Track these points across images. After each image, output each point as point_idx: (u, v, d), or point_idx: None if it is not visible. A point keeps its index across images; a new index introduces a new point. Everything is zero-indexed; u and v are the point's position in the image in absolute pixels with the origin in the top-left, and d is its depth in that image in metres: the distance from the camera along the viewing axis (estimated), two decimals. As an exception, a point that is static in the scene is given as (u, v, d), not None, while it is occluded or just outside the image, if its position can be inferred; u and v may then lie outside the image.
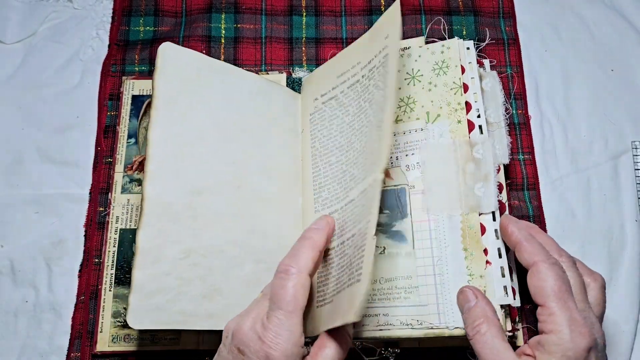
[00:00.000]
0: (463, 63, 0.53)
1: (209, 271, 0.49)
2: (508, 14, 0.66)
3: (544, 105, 0.64)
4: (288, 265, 0.42)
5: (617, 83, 0.65)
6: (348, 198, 0.48)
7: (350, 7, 0.67)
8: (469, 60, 0.53)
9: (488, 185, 0.49)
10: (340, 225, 0.47)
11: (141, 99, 0.62)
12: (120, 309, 0.55)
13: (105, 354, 0.54)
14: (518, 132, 0.62)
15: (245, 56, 0.64)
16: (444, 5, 0.66)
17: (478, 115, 0.51)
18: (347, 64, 0.54)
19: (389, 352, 0.52)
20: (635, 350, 0.56)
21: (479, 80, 0.53)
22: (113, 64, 0.64)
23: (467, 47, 0.54)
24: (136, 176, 0.59)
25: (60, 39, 0.66)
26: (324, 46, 0.65)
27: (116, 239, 0.57)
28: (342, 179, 0.50)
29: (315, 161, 0.54)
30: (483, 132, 0.50)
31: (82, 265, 0.57)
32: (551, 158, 0.62)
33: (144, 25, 0.66)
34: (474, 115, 0.51)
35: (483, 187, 0.49)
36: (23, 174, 0.61)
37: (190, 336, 0.54)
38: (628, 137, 0.63)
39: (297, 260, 0.42)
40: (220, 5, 0.66)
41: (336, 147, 0.52)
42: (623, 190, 0.61)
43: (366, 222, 0.42)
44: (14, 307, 0.56)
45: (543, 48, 0.66)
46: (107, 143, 0.61)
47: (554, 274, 0.43)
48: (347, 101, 0.52)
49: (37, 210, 0.59)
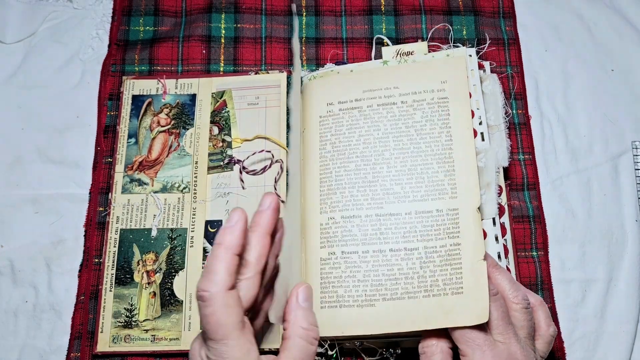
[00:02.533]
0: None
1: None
2: (508, 14, 0.66)
3: (544, 105, 0.64)
4: (201, 290, 0.37)
5: (617, 83, 0.65)
6: (385, 210, 0.51)
7: (350, 7, 0.66)
8: (471, 67, 0.54)
9: (489, 193, 0.50)
10: (382, 232, 0.50)
11: (141, 99, 0.62)
12: (121, 309, 0.55)
13: (105, 354, 0.54)
14: (518, 132, 0.62)
15: (245, 56, 0.64)
16: (444, 5, 0.66)
17: (480, 122, 0.51)
18: (380, 83, 0.56)
19: (390, 353, 0.52)
20: (635, 350, 0.56)
21: (480, 86, 0.53)
22: (113, 64, 0.64)
23: (470, 55, 0.54)
24: (136, 176, 0.59)
25: (60, 38, 0.66)
26: (324, 46, 0.65)
27: (116, 239, 0.57)
28: (369, 188, 0.52)
29: (325, 163, 0.54)
30: (485, 139, 0.51)
31: (82, 265, 0.57)
32: (551, 158, 0.62)
33: (143, 25, 0.66)
34: (476, 123, 0.51)
35: (485, 194, 0.50)
36: (23, 174, 0.61)
37: (191, 336, 0.54)
38: (628, 137, 0.63)
39: (210, 280, 0.36)
40: (220, 5, 0.66)
41: (357, 155, 0.53)
42: (623, 190, 0.61)
43: (471, 243, 0.48)
44: (14, 307, 0.56)
45: (543, 48, 0.66)
46: (107, 143, 0.61)
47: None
48: (377, 117, 0.54)
49: (37, 210, 0.59)
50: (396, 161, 0.52)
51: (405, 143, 0.52)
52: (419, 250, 0.49)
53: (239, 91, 0.62)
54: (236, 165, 0.59)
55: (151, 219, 0.58)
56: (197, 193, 0.59)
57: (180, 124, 0.61)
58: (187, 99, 0.62)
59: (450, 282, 0.47)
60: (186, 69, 0.64)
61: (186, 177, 0.59)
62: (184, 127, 0.61)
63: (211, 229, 0.57)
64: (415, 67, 0.56)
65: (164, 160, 0.60)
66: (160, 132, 0.61)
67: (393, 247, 0.50)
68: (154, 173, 0.59)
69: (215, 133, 0.61)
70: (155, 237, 0.57)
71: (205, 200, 0.58)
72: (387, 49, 0.59)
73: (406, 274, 0.49)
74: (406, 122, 0.53)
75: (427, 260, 0.48)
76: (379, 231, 0.51)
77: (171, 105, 0.62)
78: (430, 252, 0.49)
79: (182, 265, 0.56)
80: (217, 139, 0.61)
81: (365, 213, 0.51)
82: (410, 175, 0.52)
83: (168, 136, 0.61)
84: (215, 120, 0.61)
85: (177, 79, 0.63)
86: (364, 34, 0.65)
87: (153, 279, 0.56)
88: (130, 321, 0.54)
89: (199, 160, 0.60)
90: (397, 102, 0.54)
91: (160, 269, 0.56)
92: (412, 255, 0.49)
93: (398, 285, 0.49)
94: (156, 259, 0.56)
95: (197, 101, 0.62)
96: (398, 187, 0.52)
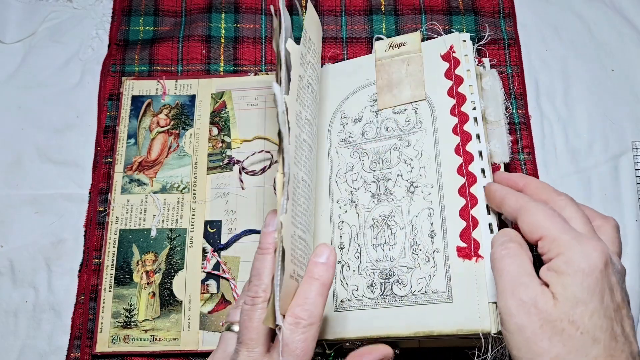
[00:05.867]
0: (459, 56, 0.54)
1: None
2: (508, 14, 0.66)
3: (544, 105, 0.64)
4: (299, 318, 0.39)
5: (617, 83, 0.64)
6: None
7: (350, 7, 0.66)
8: (465, 52, 0.54)
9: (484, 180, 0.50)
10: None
11: (141, 99, 0.62)
12: (120, 309, 0.55)
13: (104, 355, 0.54)
14: (518, 132, 0.62)
15: (245, 56, 0.64)
16: (444, 5, 0.66)
17: (474, 108, 0.52)
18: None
19: (389, 353, 0.52)
20: (635, 350, 0.56)
21: (475, 74, 0.53)
22: (113, 64, 0.64)
23: (464, 40, 0.54)
24: (136, 176, 0.59)
25: (60, 38, 0.66)
26: (324, 46, 0.65)
27: (116, 239, 0.57)
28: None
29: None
30: (478, 124, 0.51)
31: (82, 266, 0.57)
32: (551, 158, 0.62)
33: (143, 25, 0.66)
34: (468, 108, 0.51)
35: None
36: (23, 174, 0.61)
37: (190, 336, 0.54)
38: (628, 137, 0.62)
39: (309, 310, 0.39)
40: (220, 5, 0.66)
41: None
42: (623, 190, 0.61)
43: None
44: (13, 307, 0.56)
45: (543, 48, 0.66)
46: (106, 143, 0.61)
47: (545, 207, 0.39)
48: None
49: (37, 210, 0.59)
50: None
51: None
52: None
53: (238, 92, 0.62)
54: (236, 165, 0.59)
55: (150, 219, 0.58)
56: (197, 193, 0.59)
57: (180, 125, 0.61)
58: (186, 99, 0.62)
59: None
60: (186, 69, 0.64)
61: (185, 177, 0.59)
62: (183, 128, 0.61)
63: (210, 229, 0.57)
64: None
65: (164, 160, 0.60)
66: (159, 132, 0.61)
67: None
68: (153, 173, 0.59)
69: (214, 134, 0.61)
70: (154, 237, 0.57)
71: (205, 201, 0.58)
72: (379, 43, 0.58)
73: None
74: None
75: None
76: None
77: (171, 105, 0.62)
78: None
79: (182, 265, 0.56)
80: (217, 139, 0.61)
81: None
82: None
83: (167, 137, 0.61)
84: (215, 120, 0.61)
85: (176, 80, 0.63)
86: (363, 33, 0.65)
87: (152, 279, 0.56)
88: (130, 321, 0.54)
89: (198, 160, 0.60)
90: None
91: (160, 269, 0.56)
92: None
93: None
94: (155, 259, 0.57)
95: (197, 102, 0.62)
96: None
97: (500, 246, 0.40)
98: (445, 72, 0.54)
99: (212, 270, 0.56)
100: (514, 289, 0.37)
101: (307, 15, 0.56)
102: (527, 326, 0.36)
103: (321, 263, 0.41)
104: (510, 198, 0.42)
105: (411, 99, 0.55)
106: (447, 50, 0.55)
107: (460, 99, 0.52)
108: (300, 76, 0.50)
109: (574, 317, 0.35)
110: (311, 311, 0.39)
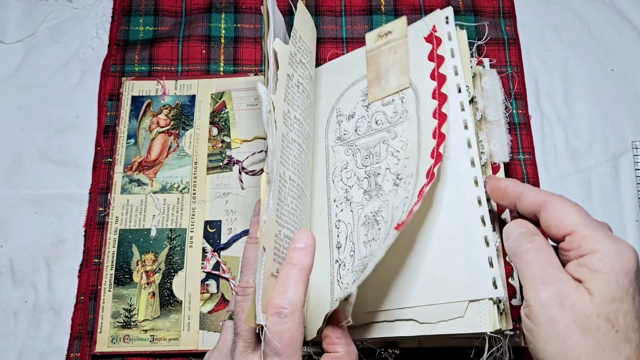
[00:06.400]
0: (441, 34, 0.50)
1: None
2: (508, 14, 0.66)
3: (544, 105, 0.64)
4: (280, 307, 0.38)
5: (617, 83, 0.64)
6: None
7: (351, 7, 0.66)
8: (448, 30, 0.50)
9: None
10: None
11: (141, 100, 0.62)
12: (120, 309, 0.55)
13: (104, 355, 0.54)
14: (518, 132, 0.62)
15: (245, 56, 0.64)
16: (444, 5, 0.66)
17: (459, 90, 0.48)
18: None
19: (389, 353, 0.52)
20: (635, 350, 0.55)
21: (459, 53, 0.49)
22: (113, 64, 0.64)
23: (446, 17, 0.51)
24: (135, 177, 0.59)
25: (59, 38, 0.66)
26: (324, 46, 0.65)
27: (116, 239, 0.57)
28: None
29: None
30: (465, 109, 0.47)
31: (82, 266, 0.57)
32: (551, 158, 0.62)
33: (143, 25, 0.66)
34: (450, 89, 0.48)
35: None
36: (23, 174, 0.61)
37: (190, 336, 0.54)
38: (628, 137, 0.62)
39: (288, 298, 0.38)
40: (220, 5, 0.66)
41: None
42: (623, 190, 0.61)
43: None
44: (13, 307, 0.56)
45: (543, 48, 0.66)
46: (106, 143, 0.61)
47: (572, 202, 0.39)
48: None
49: (37, 210, 0.59)
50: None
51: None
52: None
53: (238, 92, 0.62)
54: (235, 165, 0.59)
55: (150, 219, 0.58)
56: (197, 193, 0.59)
57: (180, 125, 0.61)
58: (186, 99, 0.62)
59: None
60: (186, 69, 0.64)
61: (185, 177, 0.59)
62: (183, 128, 0.61)
63: (210, 229, 0.57)
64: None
65: (163, 160, 0.60)
66: (159, 132, 0.61)
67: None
68: (153, 173, 0.59)
69: (214, 134, 0.61)
70: (154, 237, 0.57)
71: (205, 201, 0.58)
72: (369, 34, 0.56)
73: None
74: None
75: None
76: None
77: (170, 106, 0.62)
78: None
79: (182, 265, 0.56)
80: (217, 139, 0.61)
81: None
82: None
83: (167, 137, 0.61)
84: (215, 121, 0.61)
85: (176, 80, 0.63)
86: (363, 33, 0.65)
87: (152, 279, 0.56)
88: (129, 321, 0.55)
89: (198, 160, 0.60)
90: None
91: (160, 269, 0.56)
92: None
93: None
94: (155, 259, 0.57)
95: (197, 102, 0.62)
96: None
97: (526, 239, 0.39)
98: (428, 55, 0.50)
99: (212, 270, 0.56)
100: (546, 280, 0.37)
101: (298, 14, 0.54)
102: (560, 319, 0.35)
103: (299, 248, 0.40)
104: (530, 192, 0.41)
105: (397, 88, 0.51)
106: (430, 32, 0.51)
107: (441, 80, 0.48)
108: (289, 75, 0.49)
109: (610, 314, 0.35)
110: (291, 299, 0.38)
